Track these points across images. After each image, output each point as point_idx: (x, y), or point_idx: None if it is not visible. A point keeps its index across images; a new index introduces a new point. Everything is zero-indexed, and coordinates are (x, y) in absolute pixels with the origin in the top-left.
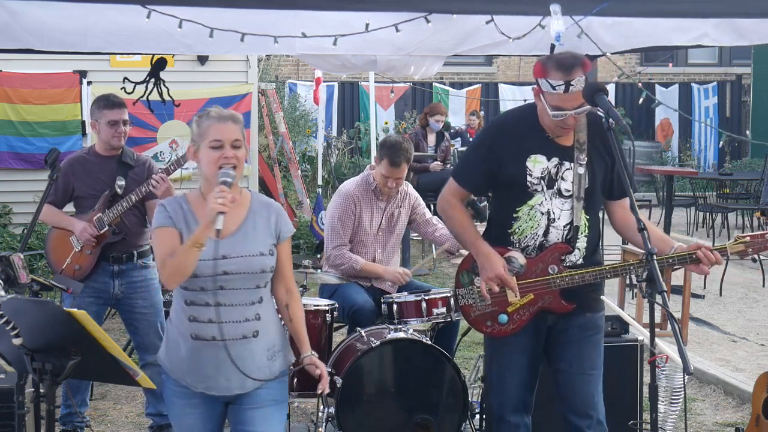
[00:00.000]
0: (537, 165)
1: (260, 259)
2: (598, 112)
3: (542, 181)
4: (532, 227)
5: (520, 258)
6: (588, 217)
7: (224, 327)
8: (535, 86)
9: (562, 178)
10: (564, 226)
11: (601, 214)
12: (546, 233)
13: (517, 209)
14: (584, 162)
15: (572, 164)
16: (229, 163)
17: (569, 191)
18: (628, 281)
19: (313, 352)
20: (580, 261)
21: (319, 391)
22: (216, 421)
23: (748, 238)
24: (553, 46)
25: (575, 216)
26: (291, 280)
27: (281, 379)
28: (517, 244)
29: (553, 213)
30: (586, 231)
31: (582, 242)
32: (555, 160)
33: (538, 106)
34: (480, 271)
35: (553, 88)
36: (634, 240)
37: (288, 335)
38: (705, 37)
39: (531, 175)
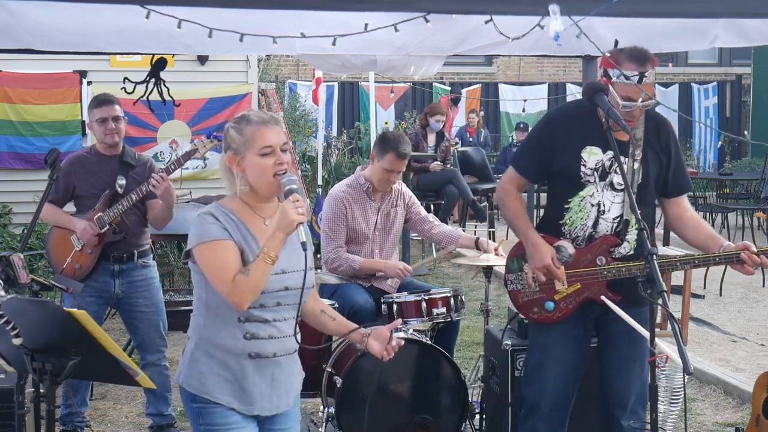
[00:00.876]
0: (592, 156)
1: (311, 273)
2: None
3: (595, 173)
4: (582, 218)
5: (569, 248)
6: (640, 210)
7: (286, 341)
8: (603, 77)
9: (616, 172)
10: (614, 219)
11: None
12: (595, 224)
13: (569, 200)
14: (639, 157)
15: (627, 159)
16: (283, 170)
17: (622, 185)
18: None
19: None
20: (631, 253)
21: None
22: None
23: None
24: (617, 42)
25: (626, 210)
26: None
27: (299, 398)
28: (568, 235)
29: (604, 205)
30: (637, 224)
31: (632, 235)
32: (610, 153)
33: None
34: (528, 260)
35: (627, 78)
36: (686, 236)
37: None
38: (717, 39)
39: (585, 166)
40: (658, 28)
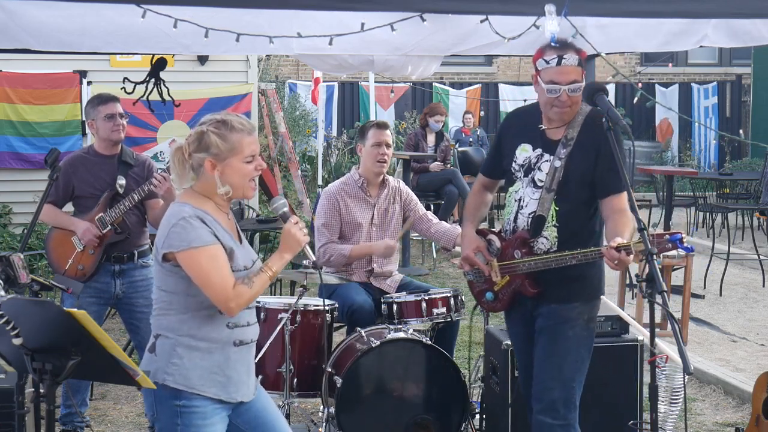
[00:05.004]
0: (522, 153)
1: (259, 263)
2: (599, 111)
3: (522, 169)
4: (508, 213)
5: (496, 241)
6: (558, 208)
7: (256, 327)
8: (534, 72)
9: (539, 169)
10: (529, 214)
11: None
12: (515, 219)
13: (506, 196)
14: (564, 156)
15: (551, 157)
16: (257, 174)
17: (542, 182)
18: (628, 281)
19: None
20: (554, 249)
21: None
22: None
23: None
24: None
25: (541, 206)
26: None
27: None
28: (502, 228)
29: (523, 200)
30: (555, 221)
31: (551, 232)
32: (538, 151)
33: (537, 93)
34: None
35: (547, 62)
36: (607, 236)
37: None
38: (705, 39)
39: (515, 162)
40: (660, 30)
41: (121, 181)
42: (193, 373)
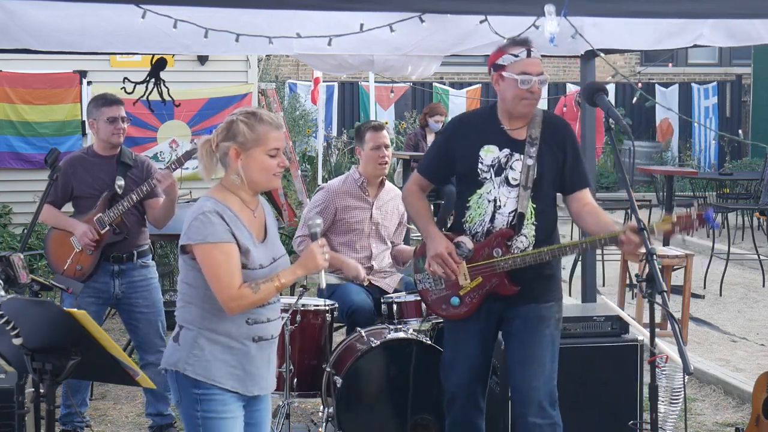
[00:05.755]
0: (489, 154)
1: (287, 257)
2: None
3: (491, 170)
4: (480, 214)
5: (467, 243)
6: (535, 205)
7: (278, 323)
8: (494, 73)
9: (511, 168)
10: (509, 213)
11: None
12: (492, 219)
13: (469, 199)
14: (534, 155)
15: (522, 156)
16: (282, 171)
17: (516, 180)
18: (628, 281)
19: None
20: (530, 247)
21: None
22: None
23: (676, 218)
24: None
25: (520, 204)
26: None
27: None
28: (468, 232)
29: (500, 200)
30: (533, 218)
31: (530, 229)
32: (506, 151)
33: (498, 92)
34: (427, 252)
35: (516, 56)
36: (586, 227)
37: None
38: (701, 37)
39: (482, 164)
40: (656, 30)
41: (120, 181)
42: (212, 365)
